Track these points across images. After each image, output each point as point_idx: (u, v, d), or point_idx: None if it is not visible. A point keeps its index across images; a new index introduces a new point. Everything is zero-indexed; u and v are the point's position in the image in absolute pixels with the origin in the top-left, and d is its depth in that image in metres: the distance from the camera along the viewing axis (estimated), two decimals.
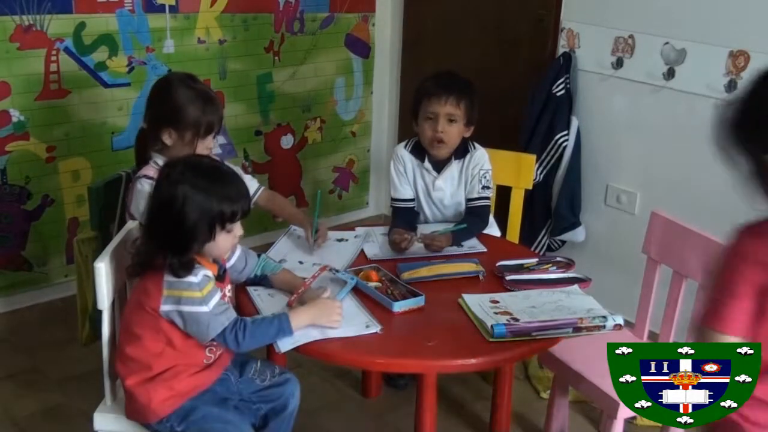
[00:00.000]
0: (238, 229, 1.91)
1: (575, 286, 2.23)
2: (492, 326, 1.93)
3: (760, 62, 2.78)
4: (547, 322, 1.97)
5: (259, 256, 2.20)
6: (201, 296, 1.85)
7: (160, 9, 3.44)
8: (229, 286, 2.03)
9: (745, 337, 1.54)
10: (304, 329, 1.94)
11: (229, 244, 1.93)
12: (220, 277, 1.97)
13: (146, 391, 1.92)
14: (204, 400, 1.97)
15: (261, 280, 2.17)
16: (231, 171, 1.96)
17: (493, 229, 2.77)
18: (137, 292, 1.95)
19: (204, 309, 1.85)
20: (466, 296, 2.12)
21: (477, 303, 2.09)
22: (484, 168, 2.67)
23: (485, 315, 2.02)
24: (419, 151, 2.70)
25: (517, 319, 1.99)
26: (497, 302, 2.11)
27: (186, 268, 1.85)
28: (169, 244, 1.84)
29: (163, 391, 1.93)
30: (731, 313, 1.52)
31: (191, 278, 1.85)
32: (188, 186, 1.83)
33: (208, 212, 1.83)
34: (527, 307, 2.08)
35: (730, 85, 2.88)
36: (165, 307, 1.87)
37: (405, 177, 2.72)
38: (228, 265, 2.07)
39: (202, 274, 1.87)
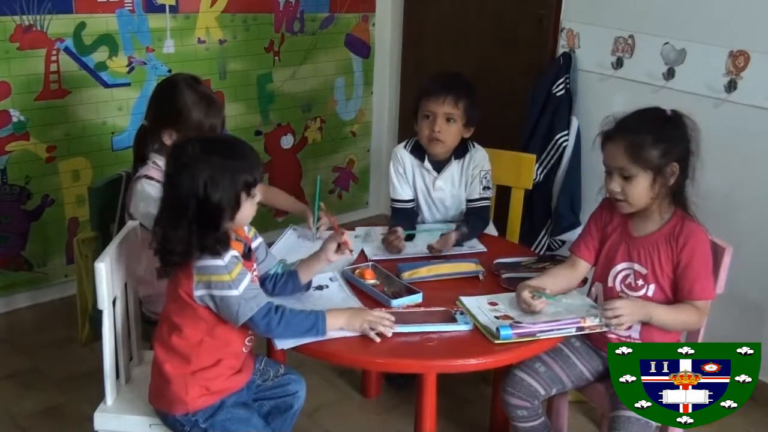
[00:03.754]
0: (259, 194, 1.92)
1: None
2: (498, 329, 1.93)
3: (760, 62, 2.79)
4: (551, 323, 1.97)
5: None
6: (230, 279, 1.84)
7: (160, 9, 3.44)
8: (255, 265, 2.01)
9: None
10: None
11: (253, 210, 1.92)
12: (246, 256, 1.95)
13: (185, 383, 1.92)
14: (231, 402, 1.97)
15: (286, 280, 2.13)
16: (238, 139, 1.96)
17: (490, 230, 2.77)
18: (171, 283, 1.94)
19: (234, 293, 1.84)
20: (464, 299, 2.12)
21: (476, 306, 2.08)
22: (485, 168, 2.67)
23: (487, 319, 2.01)
24: (419, 151, 2.70)
25: (519, 322, 1.98)
26: (496, 304, 2.11)
27: (222, 242, 1.84)
28: (200, 225, 1.82)
29: (199, 388, 1.93)
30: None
31: (218, 261, 1.83)
32: (206, 164, 1.82)
33: (232, 185, 1.83)
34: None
35: (730, 85, 2.88)
36: (198, 292, 1.86)
37: (404, 178, 2.72)
38: (253, 245, 2.04)
39: (230, 255, 1.85)
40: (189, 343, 1.92)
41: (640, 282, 2.13)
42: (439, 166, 2.69)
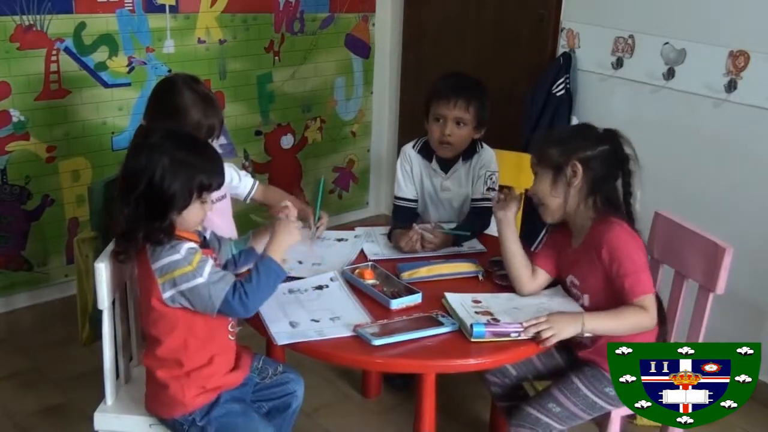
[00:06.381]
0: (210, 202, 1.92)
1: (559, 287, 2.24)
2: (471, 325, 1.93)
3: (760, 62, 2.79)
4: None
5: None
6: (192, 269, 1.84)
7: (160, 9, 3.44)
8: (215, 254, 2.01)
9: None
10: (303, 327, 1.95)
11: (201, 215, 1.92)
12: (203, 245, 1.96)
13: (181, 386, 1.92)
14: (226, 398, 1.97)
15: (244, 259, 2.15)
16: (209, 144, 1.98)
17: (491, 230, 2.77)
18: (141, 296, 1.94)
19: (200, 280, 1.83)
20: (448, 295, 2.11)
21: (459, 302, 2.08)
22: (491, 169, 2.67)
23: (466, 314, 2.01)
24: (427, 152, 2.70)
25: (497, 320, 1.99)
26: (479, 302, 2.11)
27: (167, 233, 1.84)
28: (147, 210, 1.83)
29: (195, 388, 1.93)
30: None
31: (175, 256, 1.83)
32: (168, 155, 1.83)
33: (188, 181, 1.84)
34: (510, 307, 2.08)
35: (730, 85, 2.87)
36: (167, 294, 1.85)
37: (410, 177, 2.72)
38: (206, 235, 2.05)
39: (185, 248, 1.85)
40: (173, 349, 1.92)
41: (578, 293, 2.17)
42: (447, 167, 2.69)
